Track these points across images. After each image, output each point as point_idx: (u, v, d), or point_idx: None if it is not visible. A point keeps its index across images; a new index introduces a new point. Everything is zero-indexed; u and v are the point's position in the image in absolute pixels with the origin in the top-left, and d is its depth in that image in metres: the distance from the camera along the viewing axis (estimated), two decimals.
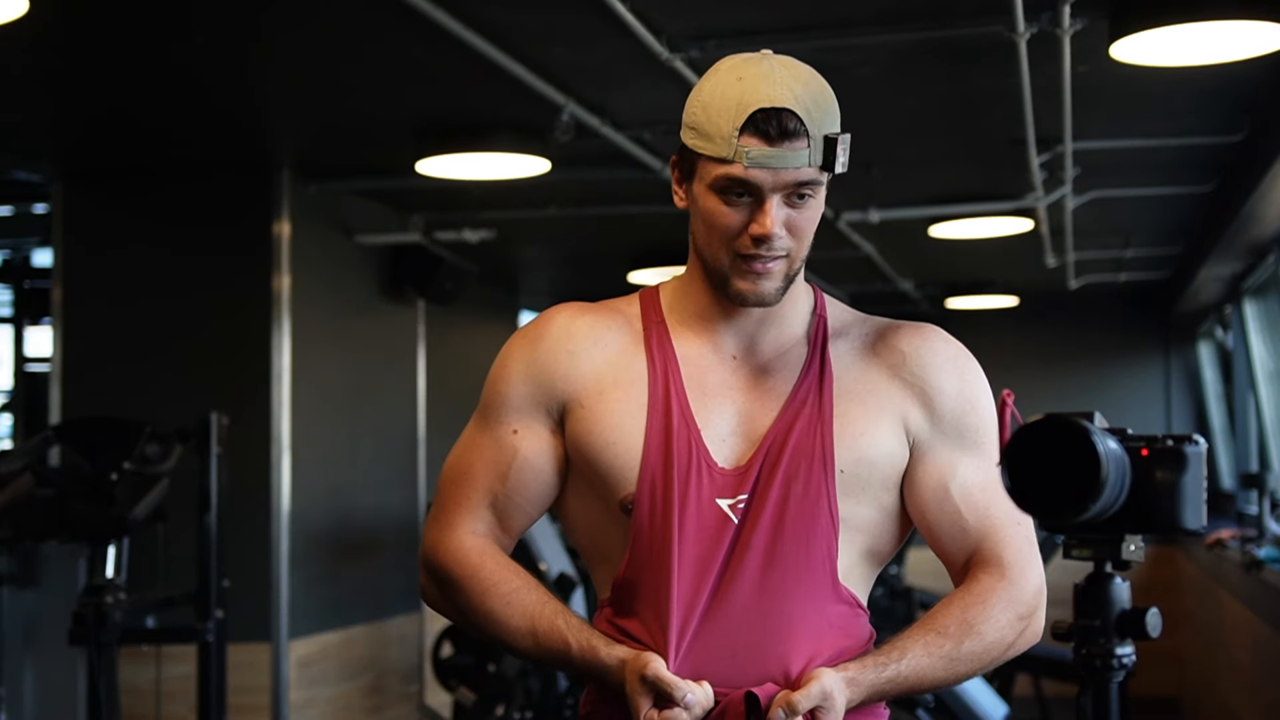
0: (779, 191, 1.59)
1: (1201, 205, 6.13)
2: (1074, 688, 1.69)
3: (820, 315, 1.73)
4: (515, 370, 1.72)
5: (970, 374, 1.72)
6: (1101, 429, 1.60)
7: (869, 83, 4.14)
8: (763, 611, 1.60)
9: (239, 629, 4.64)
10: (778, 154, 1.57)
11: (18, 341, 7.66)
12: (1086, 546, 1.67)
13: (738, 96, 1.58)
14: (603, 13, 3.24)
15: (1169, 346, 9.12)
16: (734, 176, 1.58)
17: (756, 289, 1.63)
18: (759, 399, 1.67)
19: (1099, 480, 1.54)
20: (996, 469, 1.66)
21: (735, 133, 1.57)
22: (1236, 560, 5.71)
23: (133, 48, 3.88)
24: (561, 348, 1.70)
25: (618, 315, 1.73)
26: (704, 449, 1.63)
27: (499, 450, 1.71)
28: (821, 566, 1.62)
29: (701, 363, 1.68)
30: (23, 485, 3.86)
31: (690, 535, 1.61)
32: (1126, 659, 1.65)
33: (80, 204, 5.38)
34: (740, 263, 1.62)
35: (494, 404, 1.73)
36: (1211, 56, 3.56)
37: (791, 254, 1.63)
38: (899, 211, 5.68)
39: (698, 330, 1.70)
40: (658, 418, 1.64)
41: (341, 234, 5.72)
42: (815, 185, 1.61)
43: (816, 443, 1.63)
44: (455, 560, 1.71)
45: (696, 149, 1.62)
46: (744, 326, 1.69)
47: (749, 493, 1.62)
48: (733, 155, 1.57)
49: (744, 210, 1.60)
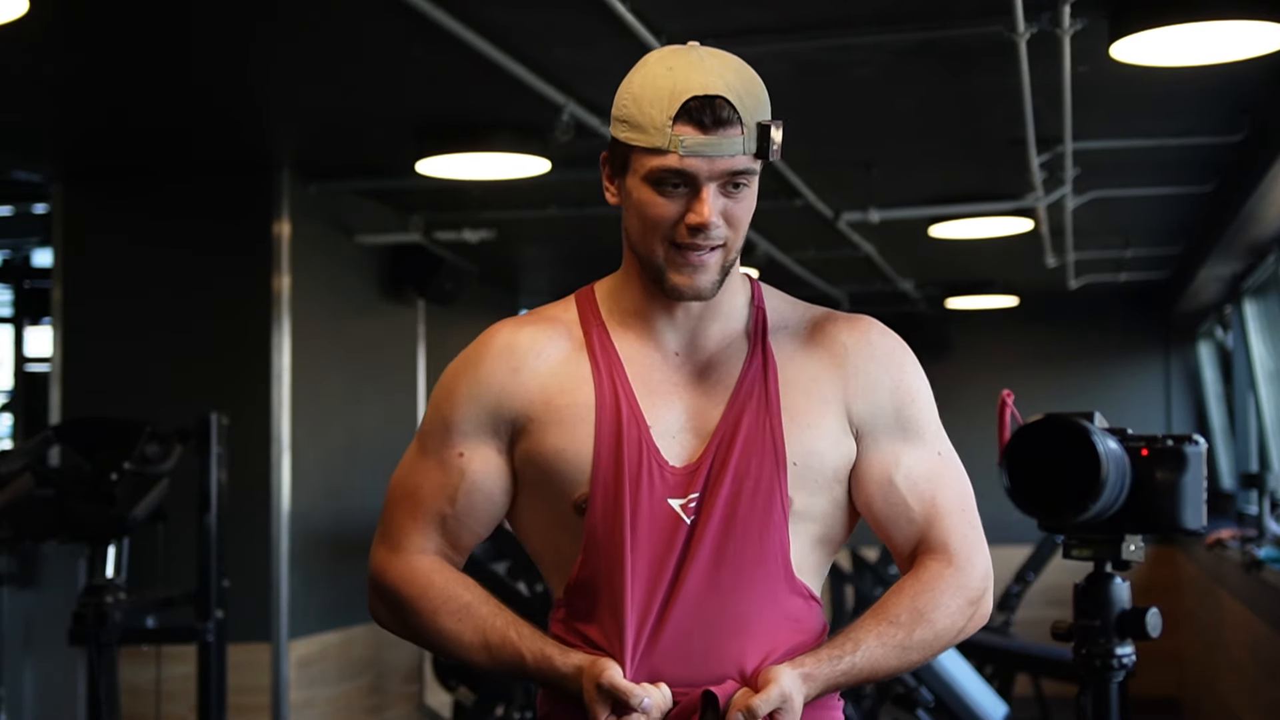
0: (714, 180, 1.58)
1: (1201, 205, 6.12)
2: (1074, 688, 1.69)
3: (759, 307, 1.72)
4: (459, 393, 1.70)
5: (908, 366, 1.72)
6: (1101, 429, 1.60)
7: (869, 83, 4.14)
8: (718, 609, 1.60)
9: (239, 629, 4.64)
10: (712, 142, 1.56)
11: (18, 341, 7.66)
12: (1086, 546, 1.67)
13: (669, 86, 1.57)
14: (603, 13, 3.24)
15: (1169, 346, 9.12)
16: (669, 167, 1.57)
17: (693, 283, 1.61)
18: (705, 394, 1.66)
19: (1099, 480, 1.55)
20: (938, 457, 1.69)
21: (669, 122, 1.56)
22: (1236, 560, 5.71)
23: (133, 48, 3.88)
24: (504, 366, 1.68)
25: (556, 323, 1.71)
26: (654, 448, 1.63)
27: (445, 473, 1.70)
28: (775, 561, 1.62)
29: (645, 361, 1.67)
30: (23, 485, 3.86)
31: (643, 537, 1.60)
32: (1126, 659, 1.65)
33: (80, 204, 5.38)
34: (676, 255, 1.60)
35: (438, 428, 1.71)
36: (1211, 56, 3.56)
37: (728, 244, 1.62)
38: (899, 211, 5.68)
39: (637, 329, 1.69)
40: (607, 419, 1.63)
41: (341, 234, 5.72)
42: (750, 174, 1.60)
43: (767, 436, 1.62)
44: (404, 580, 1.71)
45: (629, 141, 1.60)
46: (684, 322, 1.68)
47: (700, 491, 1.62)
48: (667, 145, 1.56)
49: (680, 201, 1.59)
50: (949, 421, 1.77)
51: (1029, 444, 1.60)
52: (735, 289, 1.70)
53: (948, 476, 1.70)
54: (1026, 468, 1.60)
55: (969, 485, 1.71)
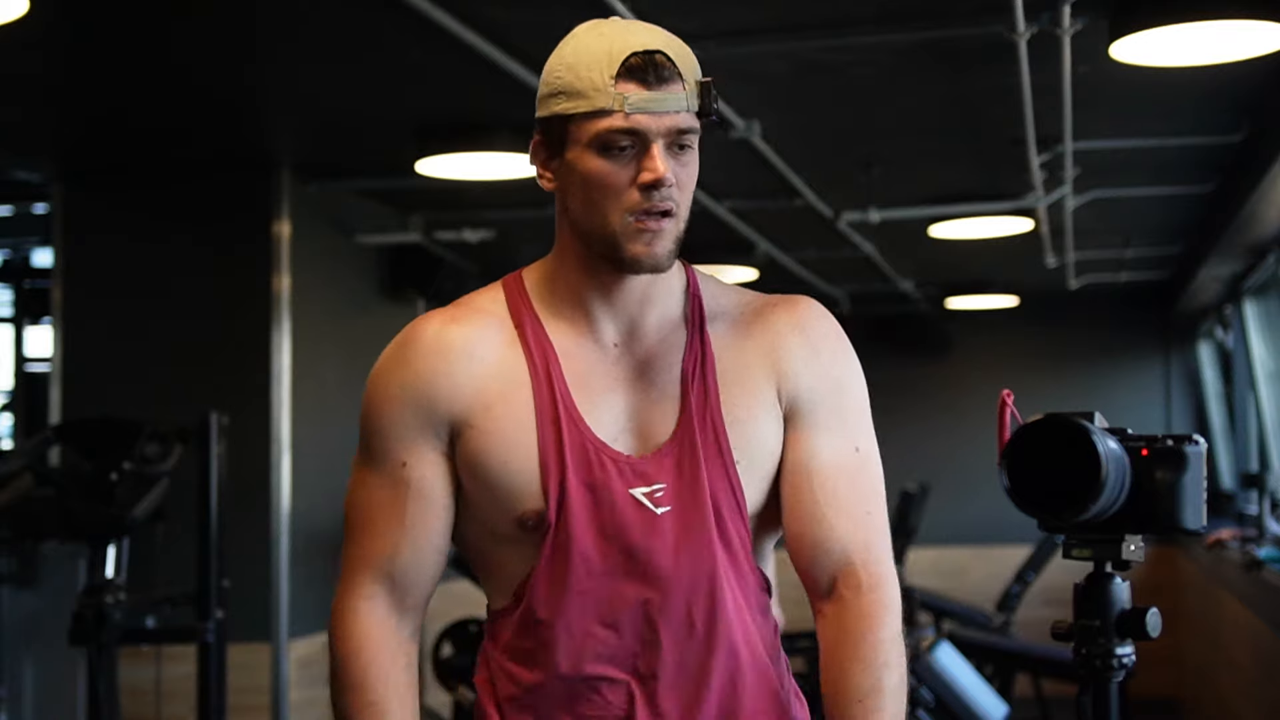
0: (662, 138, 1.53)
1: (1201, 205, 6.12)
2: (1074, 688, 1.69)
3: (695, 295, 1.67)
4: (392, 397, 1.62)
5: (841, 353, 1.69)
6: (1101, 429, 1.60)
7: (869, 83, 4.14)
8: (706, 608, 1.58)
9: (239, 629, 4.64)
10: (658, 98, 1.52)
11: (18, 341, 7.66)
12: (1086, 546, 1.67)
13: (606, 48, 1.53)
14: (603, 13, 3.24)
15: (1169, 346, 9.12)
16: (616, 127, 1.52)
17: (651, 250, 1.55)
18: (645, 389, 1.61)
19: (1099, 480, 1.55)
20: (855, 453, 1.67)
21: (611, 82, 1.51)
22: (1236, 560, 5.71)
23: (133, 48, 3.88)
24: (438, 368, 1.61)
25: (487, 316, 1.64)
26: (603, 445, 1.58)
27: (393, 489, 1.62)
28: (739, 555, 1.61)
29: (582, 355, 1.61)
30: (23, 485, 3.86)
31: (611, 535, 1.57)
32: (1126, 659, 1.65)
33: (80, 204, 5.38)
34: (631, 223, 1.54)
35: (375, 439, 1.63)
36: (1211, 56, 3.56)
37: (678, 209, 1.56)
38: (899, 211, 5.68)
39: (573, 320, 1.62)
40: (548, 427, 1.57)
41: (341, 234, 5.72)
42: (693, 134, 1.56)
43: (709, 431, 1.60)
44: (349, 654, 1.62)
45: (569, 111, 1.54)
46: (622, 310, 1.62)
47: (665, 484, 1.59)
48: (612, 104, 1.51)
49: (629, 164, 1.53)
50: (949, 421, 1.77)
51: (1029, 444, 1.60)
52: (671, 274, 1.64)
53: (860, 474, 1.67)
54: (1026, 468, 1.60)
55: (881, 486, 1.69)
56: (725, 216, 5.68)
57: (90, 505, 3.87)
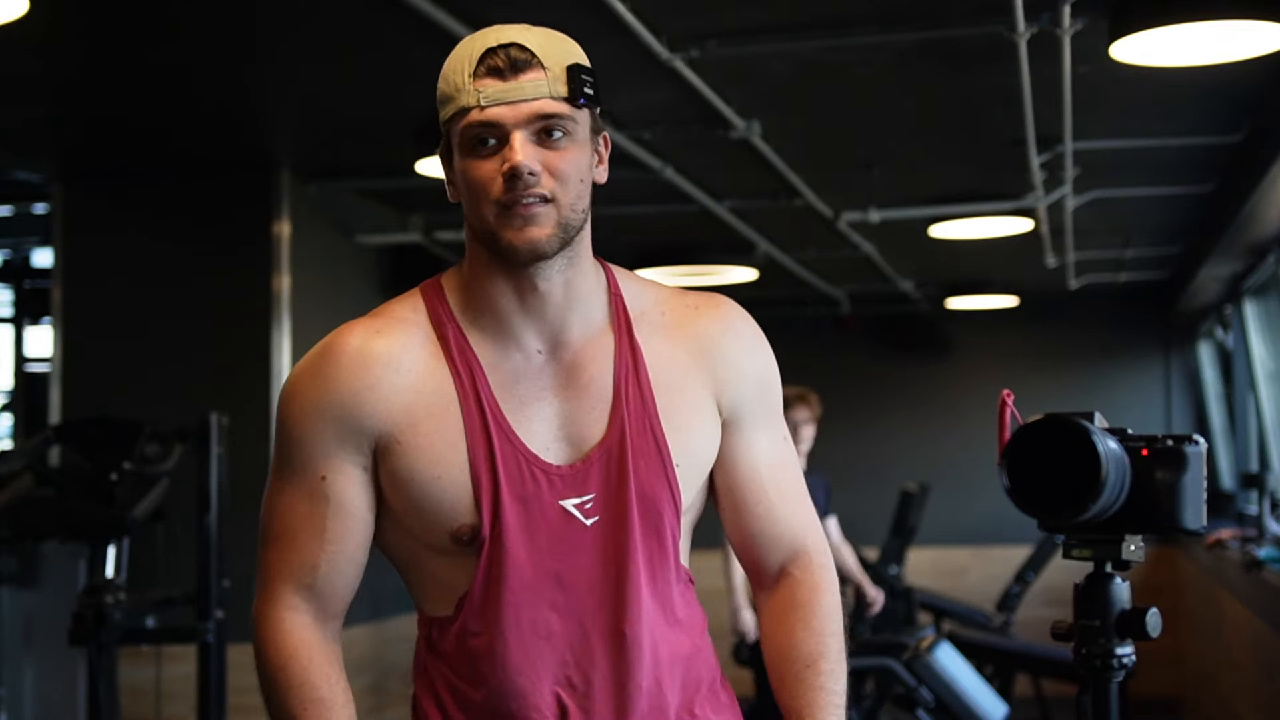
0: (523, 127, 1.52)
1: (1201, 205, 6.12)
2: (1074, 688, 1.69)
3: (616, 295, 1.66)
4: (311, 411, 1.59)
5: (767, 353, 1.73)
6: (1101, 429, 1.60)
7: (869, 83, 4.14)
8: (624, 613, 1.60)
9: (239, 629, 4.63)
10: (512, 87, 1.52)
11: (18, 341, 7.66)
12: (1086, 546, 1.67)
13: (469, 51, 1.55)
14: (603, 13, 3.24)
15: (1169, 346, 9.11)
16: (474, 121, 1.52)
17: (524, 233, 1.52)
18: (576, 397, 1.61)
19: (1099, 480, 1.54)
20: (784, 441, 1.75)
21: (470, 81, 1.53)
22: (1236, 560, 5.71)
23: (133, 48, 3.88)
24: (360, 382, 1.57)
25: (408, 327, 1.61)
26: (534, 457, 1.58)
27: (312, 502, 1.60)
28: (670, 556, 1.63)
29: (508, 366, 1.60)
30: (23, 485, 3.86)
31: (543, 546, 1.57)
32: (1126, 659, 1.65)
33: (80, 204, 5.38)
34: (502, 213, 1.53)
35: (295, 451, 1.60)
36: (1211, 56, 3.56)
37: (557, 199, 1.53)
38: (899, 211, 5.68)
39: (493, 329, 1.60)
40: (479, 441, 1.56)
41: (341, 234, 5.72)
42: (564, 120, 1.54)
43: (649, 440, 1.60)
44: (286, 658, 1.60)
45: (445, 117, 1.56)
46: (539, 315, 1.60)
47: (596, 491, 1.59)
48: (471, 101, 1.53)
49: (496, 160, 1.53)
50: (949, 421, 1.78)
51: (1029, 444, 1.60)
52: (589, 274, 1.63)
53: (793, 463, 1.76)
54: (1026, 468, 1.60)
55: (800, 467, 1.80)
56: (725, 216, 5.68)
57: (90, 505, 3.87)
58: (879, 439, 9.02)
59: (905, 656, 5.01)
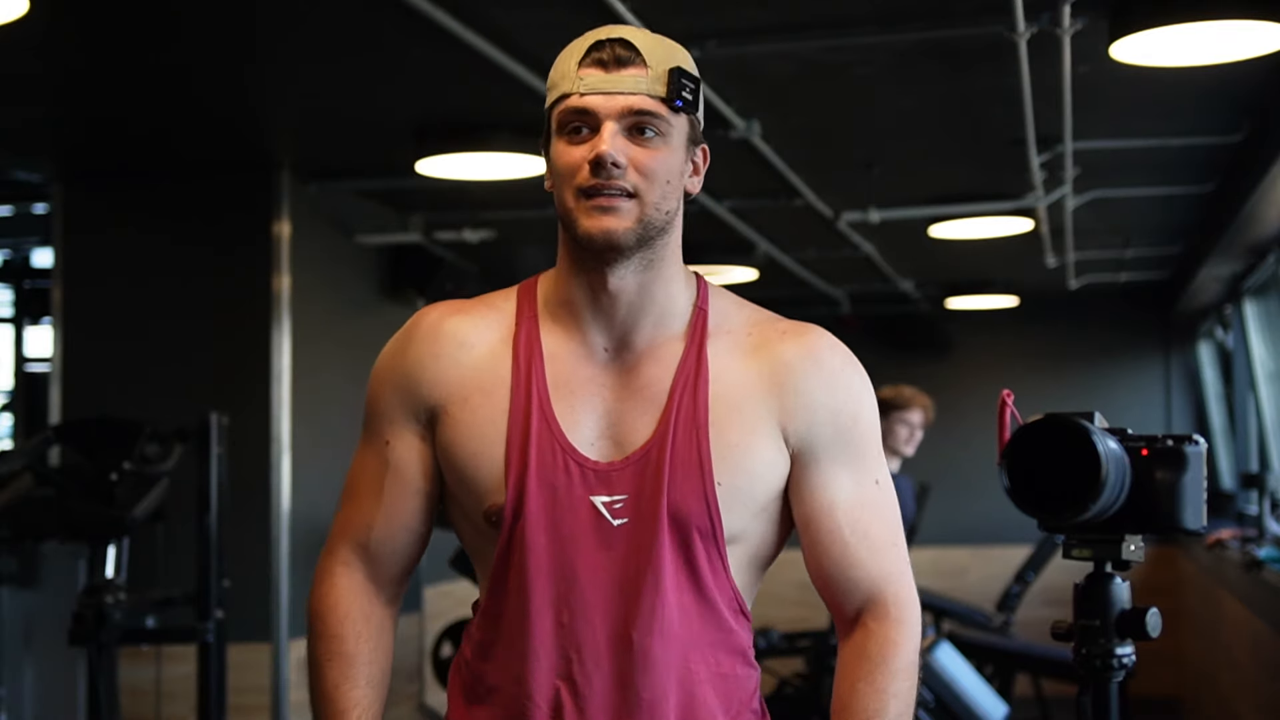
0: (616, 119, 1.56)
1: (1201, 205, 6.12)
2: (1074, 688, 1.69)
3: (701, 309, 1.65)
4: (383, 379, 1.69)
5: (855, 386, 1.66)
6: (1101, 429, 1.60)
7: (869, 83, 4.14)
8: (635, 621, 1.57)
9: (239, 629, 4.64)
10: (613, 78, 1.56)
11: (18, 341, 7.66)
12: (1086, 546, 1.67)
13: (580, 44, 1.61)
14: (603, 13, 3.24)
15: (1169, 346, 9.11)
16: (570, 107, 1.57)
17: (602, 224, 1.54)
18: (629, 399, 1.61)
19: (1099, 480, 1.55)
20: (875, 486, 1.65)
21: (575, 69, 1.58)
22: (1236, 560, 5.71)
23: (133, 48, 3.88)
24: (426, 351, 1.65)
25: (492, 312, 1.67)
26: (571, 448, 1.58)
27: (376, 466, 1.68)
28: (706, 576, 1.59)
29: (569, 360, 1.62)
30: (23, 485, 3.86)
31: (565, 537, 1.57)
32: (1126, 659, 1.65)
33: (80, 204, 5.38)
34: (584, 200, 1.56)
35: (370, 416, 1.70)
36: (1211, 56, 3.56)
37: (640, 195, 1.56)
38: (899, 211, 5.68)
39: (566, 324, 1.63)
40: (518, 424, 1.59)
41: (341, 234, 5.72)
42: (658, 120, 1.57)
43: (693, 453, 1.58)
44: (327, 609, 1.68)
45: (549, 103, 1.61)
46: (612, 315, 1.61)
47: (627, 495, 1.57)
48: (573, 88, 1.57)
49: (586, 146, 1.57)
50: (949, 421, 1.77)
51: (1029, 444, 1.60)
52: (670, 281, 1.63)
53: (884, 507, 1.67)
54: (1026, 468, 1.60)
55: (899, 515, 1.69)
56: (725, 216, 5.68)
57: (90, 505, 3.87)
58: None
59: None
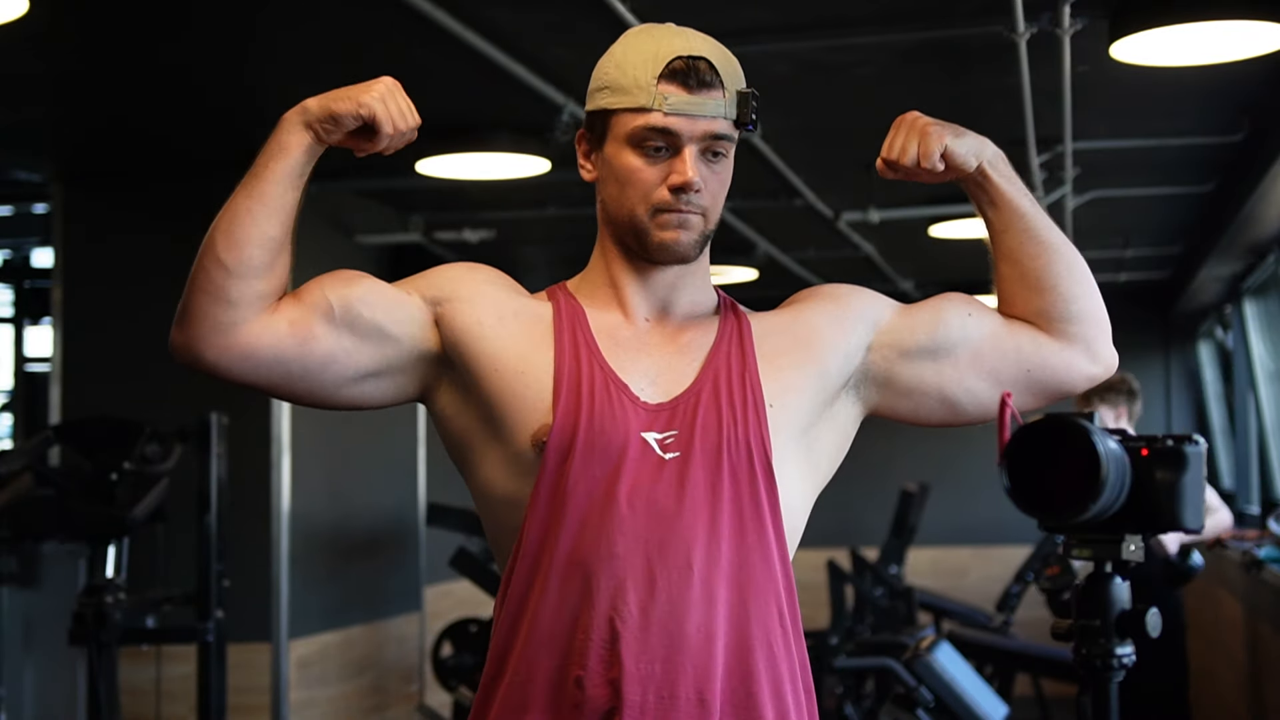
0: (696, 142, 1.58)
1: (1201, 205, 6.12)
2: (1074, 688, 1.69)
3: (725, 299, 1.72)
4: (437, 273, 1.68)
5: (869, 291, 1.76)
6: (1101, 429, 1.60)
7: (869, 83, 4.14)
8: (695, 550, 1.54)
9: (239, 629, 4.64)
10: (696, 102, 1.57)
11: (18, 341, 7.65)
12: (1086, 546, 1.67)
13: (653, 49, 1.59)
14: (603, 13, 3.24)
15: (1169, 346, 9.11)
16: (653, 125, 1.57)
17: (677, 238, 1.59)
18: (675, 353, 1.63)
19: (1099, 480, 1.55)
20: (922, 297, 1.76)
21: (654, 81, 1.57)
22: (1236, 560, 5.71)
23: (133, 48, 3.88)
24: (478, 276, 1.67)
25: (532, 295, 1.70)
26: (623, 385, 1.58)
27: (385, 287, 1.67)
28: (765, 509, 1.57)
29: (612, 322, 1.64)
30: (23, 485, 3.87)
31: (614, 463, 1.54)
32: (1126, 659, 1.65)
33: (80, 204, 5.38)
34: (657, 215, 1.59)
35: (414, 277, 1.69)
36: (1211, 56, 3.56)
37: (707, 212, 1.61)
38: (899, 211, 5.68)
39: (605, 298, 1.66)
40: (565, 354, 1.59)
41: (342, 234, 5.72)
42: (727, 142, 1.61)
43: (745, 387, 1.60)
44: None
45: (612, 106, 1.60)
46: (655, 289, 1.65)
47: (678, 430, 1.57)
48: (652, 103, 1.56)
49: (661, 164, 1.58)
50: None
51: (1029, 444, 1.60)
52: (706, 267, 1.69)
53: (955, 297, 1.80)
54: (1026, 468, 1.60)
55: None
56: (725, 216, 5.68)
57: (90, 505, 3.87)
58: (879, 438, 9.01)
59: (905, 656, 5.00)
